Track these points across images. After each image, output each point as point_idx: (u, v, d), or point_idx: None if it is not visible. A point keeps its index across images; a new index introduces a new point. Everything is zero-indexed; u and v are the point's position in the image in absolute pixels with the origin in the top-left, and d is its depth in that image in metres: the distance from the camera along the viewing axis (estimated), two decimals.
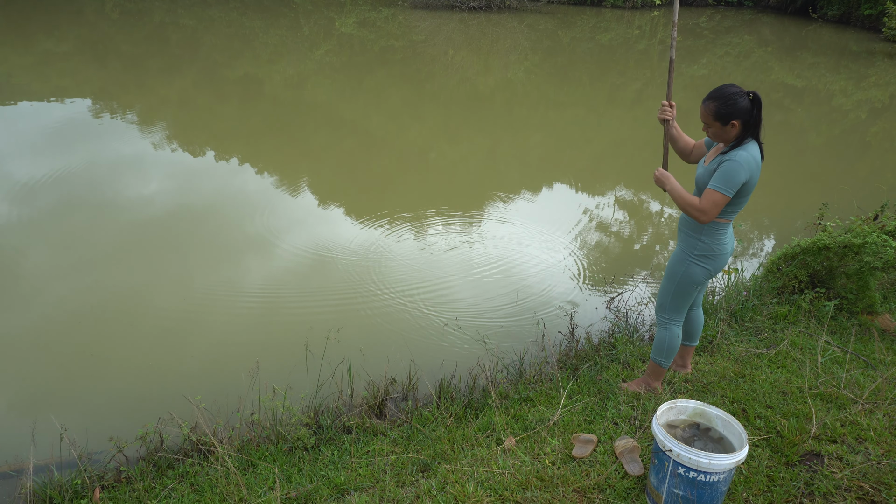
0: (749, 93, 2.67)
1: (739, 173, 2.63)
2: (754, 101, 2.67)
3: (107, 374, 3.97)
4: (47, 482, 2.87)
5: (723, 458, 2.25)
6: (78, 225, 6.01)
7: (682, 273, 2.96)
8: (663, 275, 3.08)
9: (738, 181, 2.65)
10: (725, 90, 2.66)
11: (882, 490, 2.43)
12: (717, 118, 2.67)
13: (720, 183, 2.66)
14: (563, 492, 2.55)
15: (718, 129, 2.70)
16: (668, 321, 3.10)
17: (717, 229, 2.86)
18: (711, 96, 2.68)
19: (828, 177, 8.80)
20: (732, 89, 2.66)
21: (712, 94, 2.68)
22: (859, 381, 3.31)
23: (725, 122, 2.67)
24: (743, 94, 2.66)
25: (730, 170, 2.64)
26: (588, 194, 7.82)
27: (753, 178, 2.70)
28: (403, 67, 15.27)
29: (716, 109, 2.66)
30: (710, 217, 2.72)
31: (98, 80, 12.35)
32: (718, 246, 2.88)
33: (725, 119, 2.66)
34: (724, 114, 2.65)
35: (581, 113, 12.65)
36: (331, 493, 2.76)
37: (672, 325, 3.10)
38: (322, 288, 5.08)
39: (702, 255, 2.90)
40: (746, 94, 2.67)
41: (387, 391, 3.58)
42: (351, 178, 8.03)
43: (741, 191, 2.72)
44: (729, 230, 2.92)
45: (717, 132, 2.72)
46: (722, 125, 2.68)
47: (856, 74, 16.10)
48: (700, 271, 2.93)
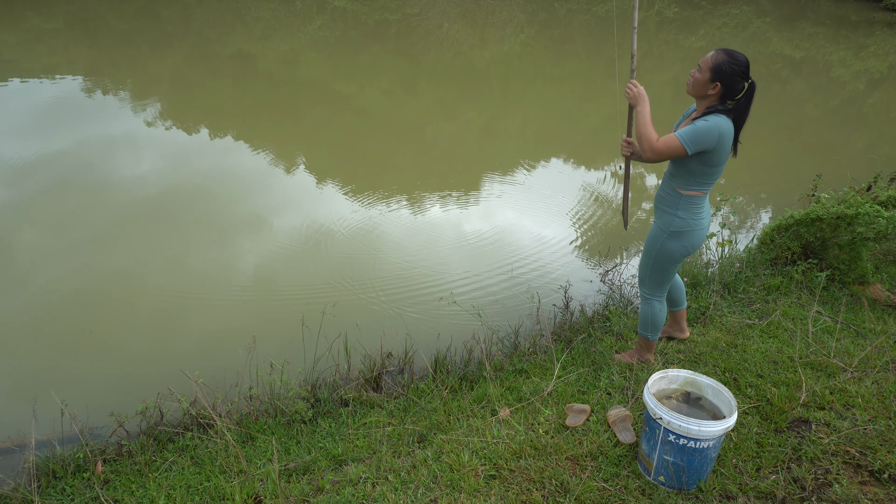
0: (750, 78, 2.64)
1: (709, 133, 2.59)
2: (748, 88, 2.63)
3: (105, 351, 4.01)
4: (50, 456, 2.92)
5: (712, 425, 2.29)
6: (71, 205, 5.99)
7: (658, 249, 2.95)
8: (642, 250, 3.08)
9: (703, 141, 2.60)
10: (741, 58, 2.61)
11: (867, 454, 2.48)
12: (713, 69, 2.61)
13: (685, 134, 2.62)
14: (557, 460, 2.61)
15: (705, 79, 2.64)
16: (649, 296, 3.12)
17: (693, 203, 2.83)
18: (727, 51, 2.62)
19: (824, 149, 8.78)
20: (745, 63, 2.61)
21: (728, 51, 2.62)
22: (849, 350, 3.36)
23: (714, 78, 2.62)
24: (746, 75, 2.62)
25: (700, 127, 2.61)
26: (584, 168, 7.80)
27: (721, 150, 2.65)
28: (398, 42, 15.09)
29: (719, 63, 2.60)
30: (654, 157, 2.69)
31: (89, 58, 12.20)
32: (695, 220, 2.85)
33: (716, 75, 2.61)
34: (721, 71, 2.59)
35: (577, 86, 12.55)
36: (328, 464, 2.81)
37: (654, 301, 3.11)
38: (318, 264, 5.10)
39: (677, 231, 2.87)
40: (748, 77, 2.63)
41: (383, 365, 3.62)
42: (346, 154, 7.99)
43: (709, 159, 2.67)
44: (705, 204, 2.88)
45: (700, 82, 2.66)
46: (710, 79, 2.63)
47: (855, 44, 15.95)
48: (676, 247, 2.91)
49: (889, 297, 4.05)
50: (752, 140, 8.98)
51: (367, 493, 2.49)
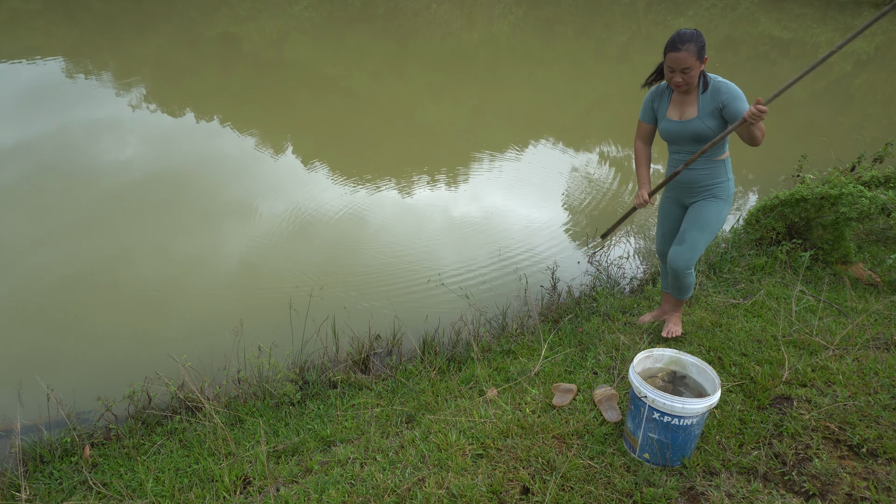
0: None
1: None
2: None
3: (91, 337, 3.98)
4: (37, 441, 2.91)
5: (695, 402, 2.32)
6: (53, 191, 5.91)
7: (722, 219, 3.11)
8: (699, 231, 3.07)
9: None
10: (689, 32, 2.72)
11: (847, 429, 2.53)
12: (698, 57, 2.71)
13: (745, 103, 2.74)
14: (543, 438, 2.63)
15: (698, 68, 2.74)
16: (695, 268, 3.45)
17: (729, 163, 3.06)
18: (686, 39, 2.69)
19: (811, 130, 8.83)
20: (690, 30, 2.75)
21: (685, 38, 2.69)
22: (831, 329, 3.40)
23: (703, 56, 2.73)
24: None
25: (738, 92, 2.75)
26: (573, 150, 7.80)
27: None
28: (385, 23, 14.92)
29: (697, 50, 2.70)
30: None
31: (70, 39, 11.98)
32: (733, 177, 3.11)
33: (703, 52, 2.73)
34: (702, 50, 2.72)
35: (567, 68, 12.50)
36: (317, 446, 2.83)
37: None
38: (305, 249, 5.09)
39: (732, 193, 3.10)
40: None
41: (371, 347, 3.63)
42: (333, 138, 7.94)
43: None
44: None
45: (694, 73, 2.75)
46: (700, 63, 2.74)
47: (842, 25, 15.98)
48: (728, 209, 3.11)
49: (871, 276, 4.11)
50: None
51: (355, 473, 2.51)
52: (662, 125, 2.99)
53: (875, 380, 2.85)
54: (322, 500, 2.36)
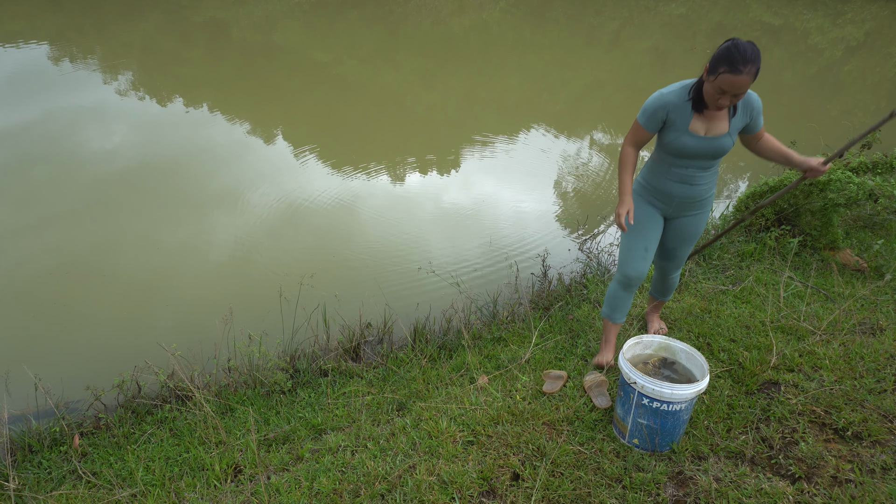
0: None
1: None
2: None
3: (79, 326, 3.96)
4: (25, 430, 2.89)
5: (684, 388, 2.34)
6: (39, 180, 5.84)
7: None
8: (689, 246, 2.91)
9: None
10: (750, 49, 2.23)
11: (833, 413, 2.56)
12: (758, 67, 2.28)
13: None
14: (534, 425, 2.65)
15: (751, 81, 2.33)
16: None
17: None
18: (749, 59, 2.22)
19: (800, 116, 8.85)
20: (748, 44, 2.26)
21: (748, 57, 2.21)
22: (818, 314, 3.43)
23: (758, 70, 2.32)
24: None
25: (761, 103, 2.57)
26: (565, 137, 7.79)
27: None
28: (376, 8, 14.77)
29: (757, 70, 2.26)
30: None
31: (55, 24, 11.78)
32: None
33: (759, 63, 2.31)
34: (759, 59, 2.30)
35: (558, 55, 12.44)
36: (308, 434, 2.83)
37: None
38: (295, 237, 5.06)
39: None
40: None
41: (362, 335, 3.63)
42: (324, 125, 7.88)
43: None
44: None
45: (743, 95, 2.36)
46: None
47: (833, 11, 15.99)
48: None
49: (858, 261, 4.14)
50: None
51: (346, 460, 2.51)
52: (682, 140, 2.51)
53: (861, 364, 2.89)
54: (313, 487, 2.36)
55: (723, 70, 2.25)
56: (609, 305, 2.97)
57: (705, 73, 2.35)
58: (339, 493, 2.32)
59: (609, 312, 2.98)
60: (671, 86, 2.53)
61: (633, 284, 2.85)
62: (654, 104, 2.50)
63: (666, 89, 2.51)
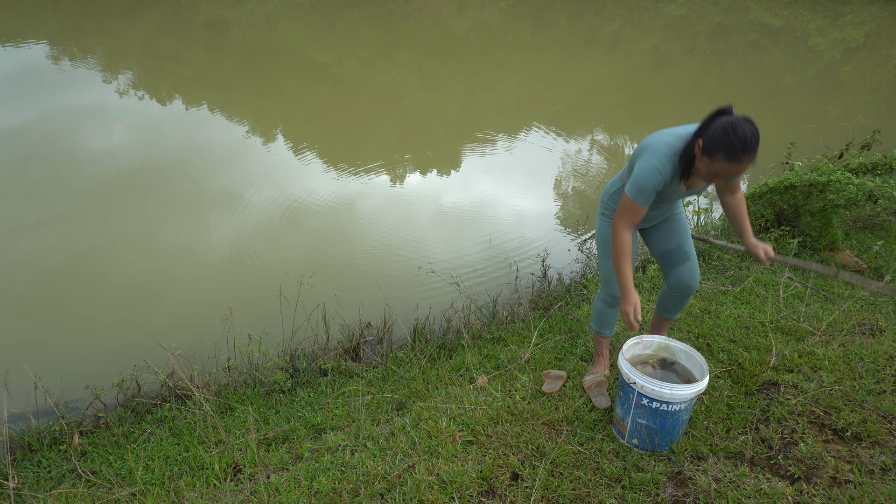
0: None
1: None
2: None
3: (79, 325, 3.96)
4: (25, 429, 2.89)
5: (683, 388, 2.34)
6: (38, 180, 5.83)
7: None
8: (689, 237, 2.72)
9: None
10: (753, 135, 2.07)
11: (832, 413, 2.56)
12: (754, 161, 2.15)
13: None
14: (533, 425, 2.65)
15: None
16: None
17: None
18: (751, 147, 2.06)
19: (800, 117, 8.86)
20: (752, 129, 2.08)
21: (750, 145, 2.06)
22: (818, 315, 3.44)
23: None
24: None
25: None
26: (565, 138, 7.79)
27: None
28: (376, 8, 14.78)
29: (756, 155, 2.12)
30: None
31: (55, 23, 11.78)
32: None
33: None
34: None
35: (558, 55, 12.45)
36: (308, 433, 2.83)
37: None
38: (295, 237, 5.06)
39: None
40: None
41: (362, 334, 3.63)
42: (323, 125, 7.88)
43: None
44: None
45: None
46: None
47: (832, 12, 16.00)
48: None
49: (857, 262, 4.14)
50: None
51: (345, 460, 2.51)
52: (664, 194, 2.42)
53: (860, 365, 2.89)
54: (312, 487, 2.36)
55: (720, 157, 2.09)
56: (597, 321, 2.91)
57: (698, 149, 2.15)
58: (339, 493, 2.32)
59: (597, 328, 2.92)
60: (659, 154, 2.26)
61: (619, 301, 2.78)
62: (653, 183, 2.26)
63: (658, 162, 2.24)
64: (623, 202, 2.34)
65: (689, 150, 2.21)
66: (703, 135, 2.16)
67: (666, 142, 2.26)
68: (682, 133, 2.26)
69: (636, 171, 2.30)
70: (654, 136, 2.34)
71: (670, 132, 2.31)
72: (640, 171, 2.27)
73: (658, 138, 2.31)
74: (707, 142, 2.12)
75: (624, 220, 2.37)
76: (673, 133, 2.29)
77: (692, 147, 2.20)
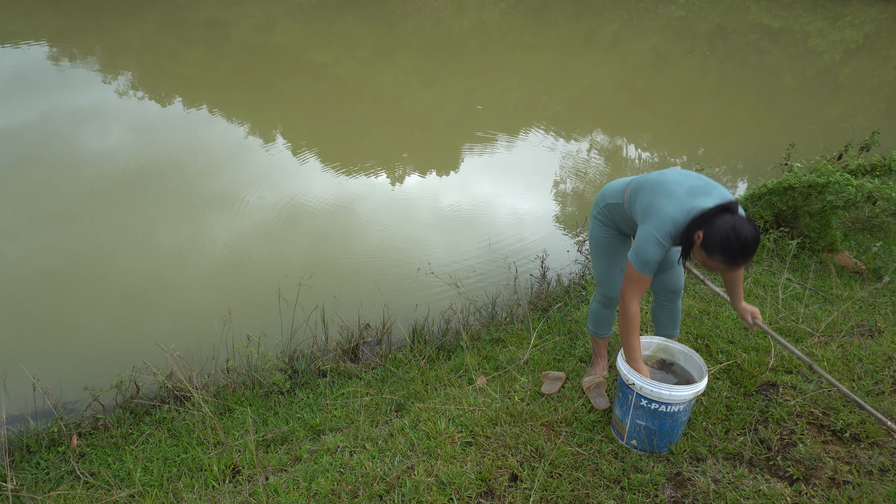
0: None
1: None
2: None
3: (77, 327, 3.95)
4: (23, 431, 2.89)
5: (682, 389, 2.34)
6: (36, 181, 5.82)
7: None
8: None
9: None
10: (754, 240, 2.08)
11: (830, 414, 2.56)
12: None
13: None
14: (532, 426, 2.65)
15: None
16: None
17: None
18: (750, 252, 2.09)
19: (799, 118, 8.86)
20: (754, 234, 2.09)
21: (750, 251, 2.08)
22: (817, 316, 3.44)
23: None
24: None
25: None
26: (563, 138, 7.79)
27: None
28: (375, 9, 14.78)
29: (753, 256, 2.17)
30: None
31: (54, 24, 11.77)
32: None
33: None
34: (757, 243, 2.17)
35: (557, 56, 12.45)
36: (306, 434, 2.83)
37: None
38: (294, 238, 5.06)
39: None
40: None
41: (361, 336, 3.63)
42: (322, 126, 7.88)
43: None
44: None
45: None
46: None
47: (832, 14, 16.01)
48: None
49: (856, 263, 4.15)
50: (730, 111, 9.04)
51: (344, 461, 2.51)
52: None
53: (859, 366, 2.89)
54: (311, 488, 2.36)
55: (719, 258, 2.10)
56: (593, 323, 2.90)
57: (697, 239, 2.13)
58: (338, 494, 2.32)
59: (594, 329, 2.92)
60: (663, 229, 2.19)
61: (615, 301, 2.78)
62: (656, 255, 2.22)
63: (661, 235, 2.19)
64: (630, 273, 2.30)
65: (690, 234, 2.16)
66: (704, 227, 2.12)
67: (672, 217, 2.17)
68: (691, 209, 2.16)
69: (640, 241, 2.24)
70: (664, 195, 2.22)
71: (679, 204, 2.17)
72: (643, 242, 2.22)
73: (665, 209, 2.19)
74: (708, 239, 2.10)
75: (633, 290, 2.32)
76: (682, 207, 2.17)
77: (693, 232, 2.15)
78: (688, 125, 8.51)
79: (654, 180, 2.30)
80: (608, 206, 2.58)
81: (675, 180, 2.26)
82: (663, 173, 2.33)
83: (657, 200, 2.23)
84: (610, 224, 2.61)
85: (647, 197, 2.29)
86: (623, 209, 2.48)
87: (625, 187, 2.47)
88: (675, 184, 2.24)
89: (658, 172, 2.36)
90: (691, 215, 2.15)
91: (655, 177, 2.33)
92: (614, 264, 2.67)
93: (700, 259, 2.18)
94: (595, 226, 2.67)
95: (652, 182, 2.31)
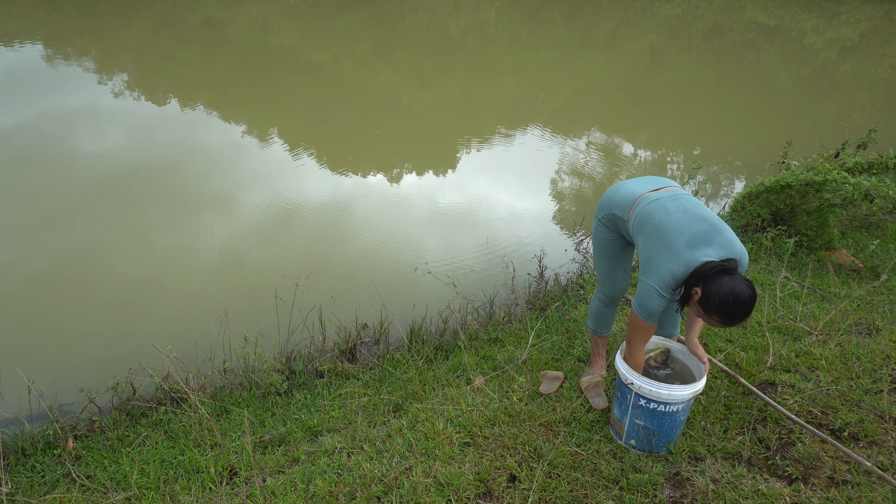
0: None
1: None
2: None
3: (73, 328, 3.93)
4: (18, 434, 2.87)
5: (681, 389, 2.33)
6: (31, 182, 5.79)
7: None
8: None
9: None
10: (751, 301, 2.09)
11: (829, 413, 2.56)
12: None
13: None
14: (530, 426, 2.64)
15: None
16: None
17: None
18: (748, 312, 2.10)
19: (796, 117, 8.87)
20: (751, 293, 2.10)
21: (748, 311, 2.09)
22: (815, 314, 3.44)
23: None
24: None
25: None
26: (560, 137, 7.78)
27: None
28: (372, 9, 14.76)
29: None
30: None
31: (49, 24, 11.72)
32: None
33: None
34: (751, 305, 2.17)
35: (554, 55, 12.45)
36: (304, 435, 2.81)
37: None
38: (290, 238, 5.04)
39: None
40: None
41: (358, 336, 3.61)
42: (319, 126, 7.86)
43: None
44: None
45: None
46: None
47: (828, 12, 16.03)
48: None
49: (853, 262, 4.15)
50: (727, 109, 9.03)
51: (342, 462, 2.50)
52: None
53: (857, 365, 2.89)
54: (309, 489, 2.35)
55: (716, 318, 2.12)
56: (594, 321, 2.90)
57: (695, 294, 2.14)
58: (335, 496, 2.30)
59: (594, 328, 2.92)
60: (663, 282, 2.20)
61: (616, 300, 2.81)
62: (658, 306, 2.24)
63: (661, 288, 2.21)
64: (634, 321, 2.34)
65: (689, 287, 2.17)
66: (702, 284, 2.12)
67: (672, 272, 2.17)
68: (690, 262, 2.15)
69: (642, 293, 2.25)
70: (664, 250, 2.21)
71: (679, 258, 2.16)
72: (645, 295, 2.24)
73: (665, 264, 2.18)
74: (706, 298, 2.10)
75: (639, 338, 2.38)
76: (681, 261, 2.16)
77: (691, 286, 2.15)
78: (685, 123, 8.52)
79: (658, 223, 2.26)
80: (613, 217, 2.56)
81: (677, 227, 2.22)
82: (668, 212, 2.27)
83: (657, 255, 2.22)
84: (613, 229, 2.61)
85: (648, 245, 2.27)
86: (627, 226, 2.47)
87: (631, 204, 2.43)
88: (678, 232, 2.21)
89: (663, 209, 2.29)
90: (690, 268, 2.15)
91: (659, 218, 2.27)
92: (616, 266, 2.69)
93: (696, 312, 2.19)
94: (599, 228, 2.67)
95: (655, 225, 2.27)
